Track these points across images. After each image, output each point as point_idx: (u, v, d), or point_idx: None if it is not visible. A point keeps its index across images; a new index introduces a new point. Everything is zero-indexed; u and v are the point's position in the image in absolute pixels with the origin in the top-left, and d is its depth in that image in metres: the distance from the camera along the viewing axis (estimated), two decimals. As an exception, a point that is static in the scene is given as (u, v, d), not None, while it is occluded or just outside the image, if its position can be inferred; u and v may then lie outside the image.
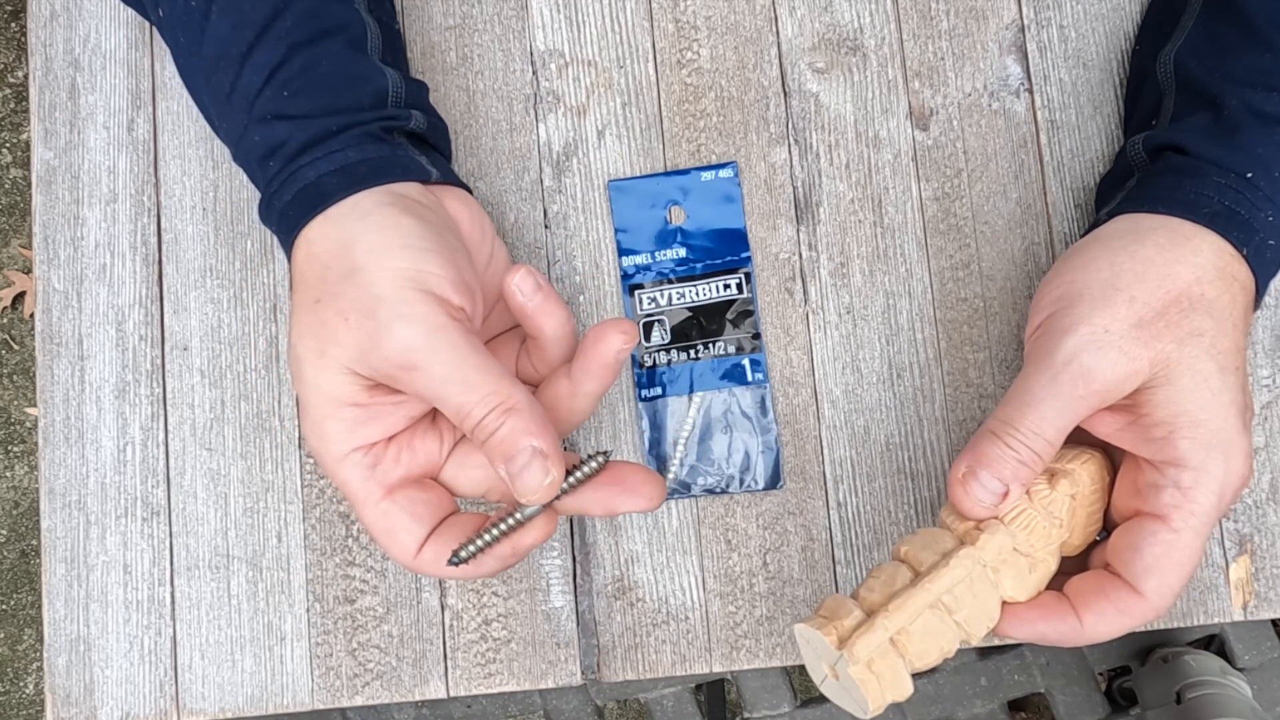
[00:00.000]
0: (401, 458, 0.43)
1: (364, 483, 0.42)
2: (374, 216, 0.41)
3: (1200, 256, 0.41)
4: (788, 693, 0.86)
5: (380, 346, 0.39)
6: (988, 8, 0.52)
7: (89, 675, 0.50)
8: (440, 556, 0.42)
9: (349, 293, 0.40)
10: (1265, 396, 0.50)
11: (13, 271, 1.39)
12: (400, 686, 0.50)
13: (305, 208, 0.42)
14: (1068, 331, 0.41)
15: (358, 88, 0.45)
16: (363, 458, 0.42)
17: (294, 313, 0.42)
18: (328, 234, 0.42)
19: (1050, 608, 0.41)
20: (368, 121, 0.44)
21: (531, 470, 0.39)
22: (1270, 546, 0.49)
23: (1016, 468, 0.41)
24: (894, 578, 0.41)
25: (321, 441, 0.42)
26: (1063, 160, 0.51)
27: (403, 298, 0.40)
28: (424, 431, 0.44)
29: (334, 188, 0.42)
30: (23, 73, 1.42)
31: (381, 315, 0.39)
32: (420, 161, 0.45)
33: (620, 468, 0.43)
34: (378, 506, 0.42)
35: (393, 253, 0.40)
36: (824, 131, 0.52)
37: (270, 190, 0.44)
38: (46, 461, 0.51)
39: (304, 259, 0.42)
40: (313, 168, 0.43)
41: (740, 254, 0.51)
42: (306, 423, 0.42)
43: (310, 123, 0.43)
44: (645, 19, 0.53)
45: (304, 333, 0.41)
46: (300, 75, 0.44)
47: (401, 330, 0.39)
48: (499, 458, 0.40)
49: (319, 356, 0.41)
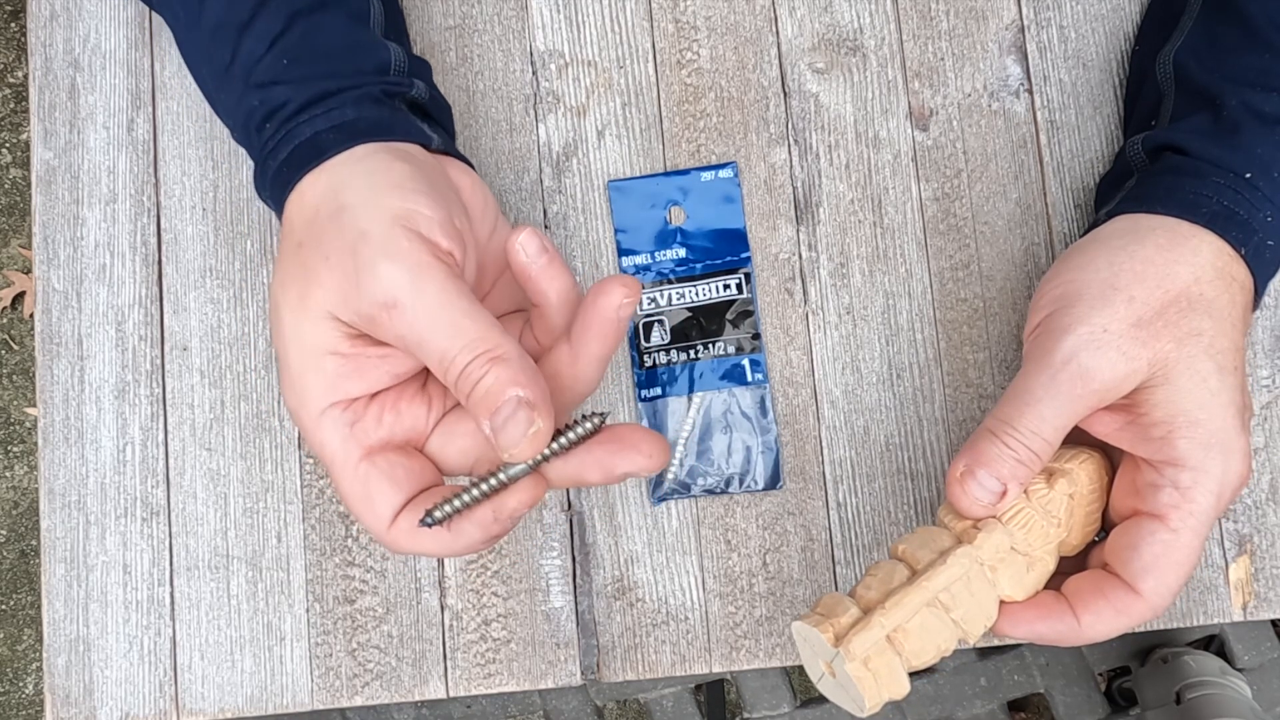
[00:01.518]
0: (384, 419, 0.40)
1: (342, 442, 0.39)
2: (366, 162, 0.40)
3: (1199, 256, 0.41)
4: (787, 693, 0.86)
5: (362, 284, 0.37)
6: (988, 8, 0.52)
7: (89, 675, 0.50)
8: (414, 528, 0.38)
9: (332, 231, 0.38)
10: (1265, 396, 0.50)
11: (13, 271, 1.39)
12: (400, 687, 0.50)
13: (299, 163, 0.41)
14: (1066, 331, 0.41)
15: (359, 55, 0.44)
16: (341, 414, 0.39)
17: (277, 264, 0.40)
18: (319, 181, 0.40)
19: (1048, 607, 0.41)
20: (369, 84, 0.43)
21: (516, 421, 0.36)
22: (1270, 547, 0.49)
23: (1014, 467, 0.41)
24: (891, 576, 0.41)
25: (299, 396, 0.39)
26: (1063, 160, 0.51)
27: (388, 234, 0.37)
28: (411, 396, 0.41)
29: (330, 142, 0.41)
30: (23, 73, 1.42)
31: (364, 252, 0.37)
32: (421, 127, 0.44)
33: (617, 427, 0.39)
34: (356, 469, 0.39)
35: (381, 191, 0.39)
36: (824, 132, 0.52)
37: (266, 151, 0.42)
38: (46, 461, 0.51)
39: (294, 211, 0.41)
40: (310, 125, 0.42)
41: (740, 254, 0.51)
42: (285, 378, 0.39)
43: (310, 84, 0.42)
44: (645, 19, 0.53)
45: (284, 280, 0.39)
46: (300, 43, 0.43)
47: (384, 267, 0.37)
48: (483, 411, 0.36)
49: (299, 301, 0.38)
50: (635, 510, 0.50)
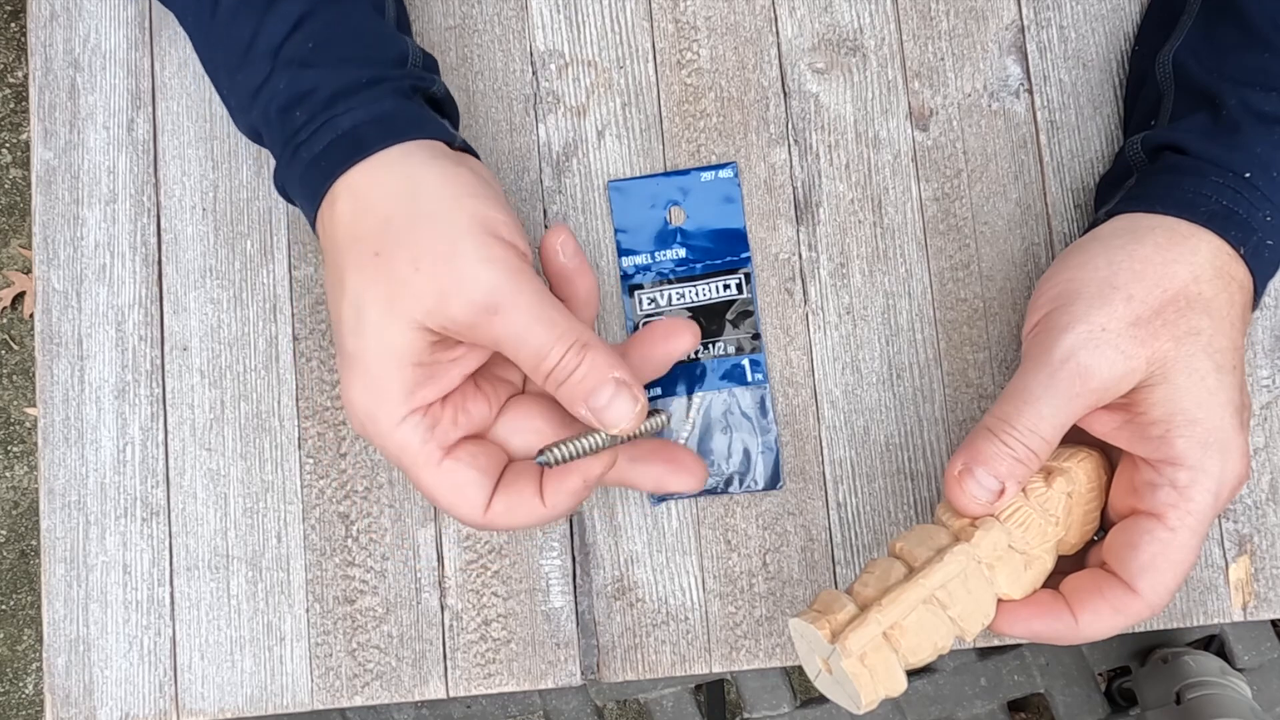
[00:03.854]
0: (458, 419, 0.42)
1: (423, 444, 0.41)
2: (431, 166, 0.41)
3: (1198, 256, 0.41)
4: (787, 693, 0.86)
5: (463, 290, 0.39)
6: (988, 8, 0.52)
7: (88, 675, 0.50)
8: (515, 506, 0.41)
9: (420, 240, 0.40)
10: (1265, 397, 0.50)
11: (13, 271, 1.39)
12: (400, 687, 0.50)
13: (341, 156, 0.41)
14: (1065, 330, 0.41)
15: (384, 45, 0.44)
16: (421, 419, 0.41)
17: (347, 268, 0.41)
18: (381, 184, 0.41)
19: (1045, 605, 0.41)
20: (397, 78, 0.44)
21: (621, 399, 0.40)
22: (1270, 547, 0.49)
23: (1012, 465, 0.41)
24: (888, 573, 0.41)
25: (378, 403, 0.40)
26: (1062, 161, 0.52)
27: (482, 241, 0.40)
28: (472, 393, 0.43)
29: (373, 137, 0.41)
30: (23, 73, 1.42)
31: (462, 259, 0.39)
32: (444, 124, 0.45)
33: (672, 447, 0.45)
34: (440, 467, 0.41)
35: (462, 200, 0.40)
36: (824, 132, 0.52)
37: (297, 141, 0.42)
38: (46, 461, 0.51)
39: (350, 212, 0.41)
40: (349, 116, 0.42)
41: (740, 254, 0.51)
42: (360, 383, 0.40)
43: (342, 71, 0.43)
44: (645, 19, 0.53)
45: (368, 285, 0.40)
46: (327, 27, 0.43)
47: (485, 272, 0.39)
48: (580, 396, 0.40)
49: (388, 309, 0.40)
50: (635, 510, 0.50)
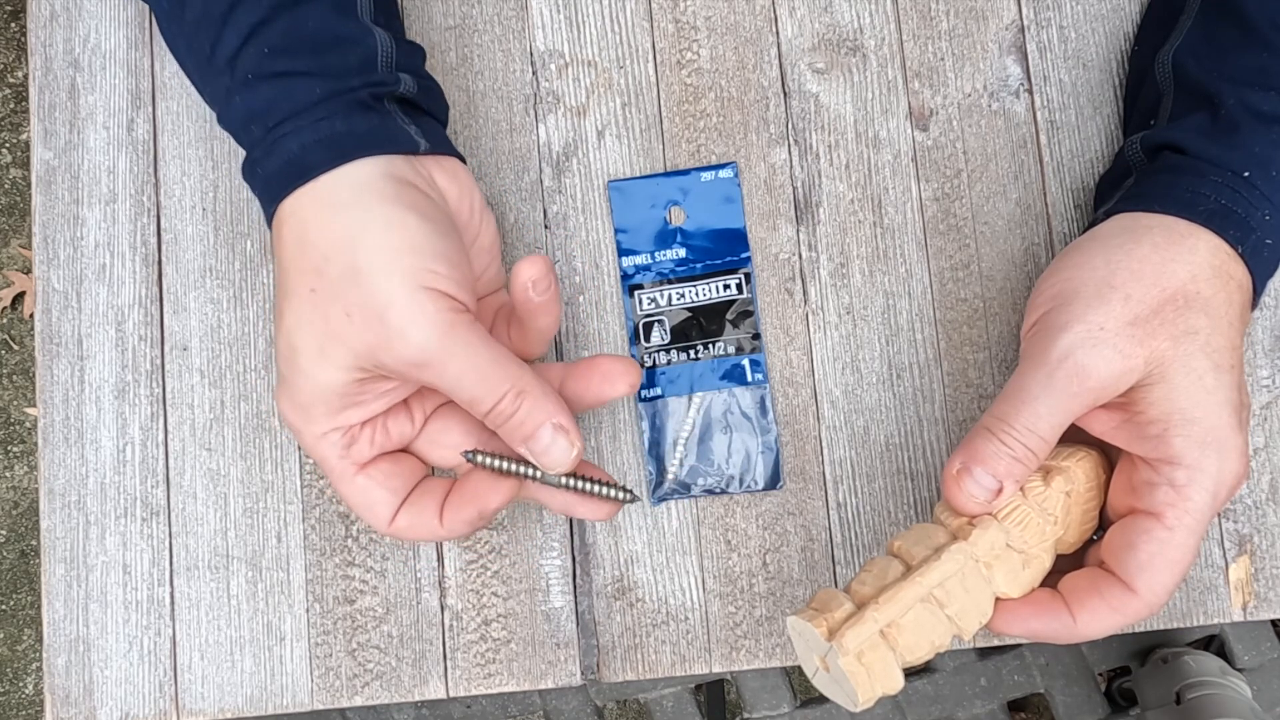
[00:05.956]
0: (375, 439, 0.44)
1: (339, 460, 0.43)
2: (376, 211, 0.41)
3: (1196, 255, 0.41)
4: (787, 693, 0.86)
5: (392, 349, 0.40)
6: (988, 8, 0.52)
7: (88, 675, 0.50)
8: (415, 524, 0.43)
9: (353, 293, 0.40)
10: (1265, 397, 0.50)
11: (13, 271, 1.39)
12: (400, 687, 0.50)
13: (287, 179, 0.41)
14: (1063, 329, 0.41)
15: (344, 50, 0.43)
16: (339, 438, 0.43)
17: (286, 296, 0.42)
18: (323, 220, 0.41)
19: (1043, 604, 0.41)
20: (355, 88, 0.43)
21: (558, 445, 0.42)
22: (1270, 547, 0.49)
23: (1010, 464, 0.41)
24: (886, 571, 0.41)
25: (303, 420, 0.42)
26: (1062, 161, 0.52)
27: (413, 299, 0.40)
28: (396, 413, 0.45)
29: (318, 160, 0.41)
30: (23, 73, 1.42)
31: (393, 319, 0.40)
32: (409, 131, 0.44)
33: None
34: (353, 482, 0.43)
35: (400, 255, 0.40)
36: (824, 132, 0.52)
37: (254, 156, 0.43)
38: (46, 461, 0.51)
39: (294, 240, 0.41)
40: (295, 137, 0.42)
41: (740, 254, 0.51)
42: (289, 398, 0.42)
43: (293, 85, 0.42)
44: (645, 19, 0.53)
45: (301, 324, 0.41)
46: (283, 34, 0.43)
47: (415, 334, 0.40)
48: (519, 438, 0.42)
49: (319, 352, 0.41)
50: (635, 510, 0.50)
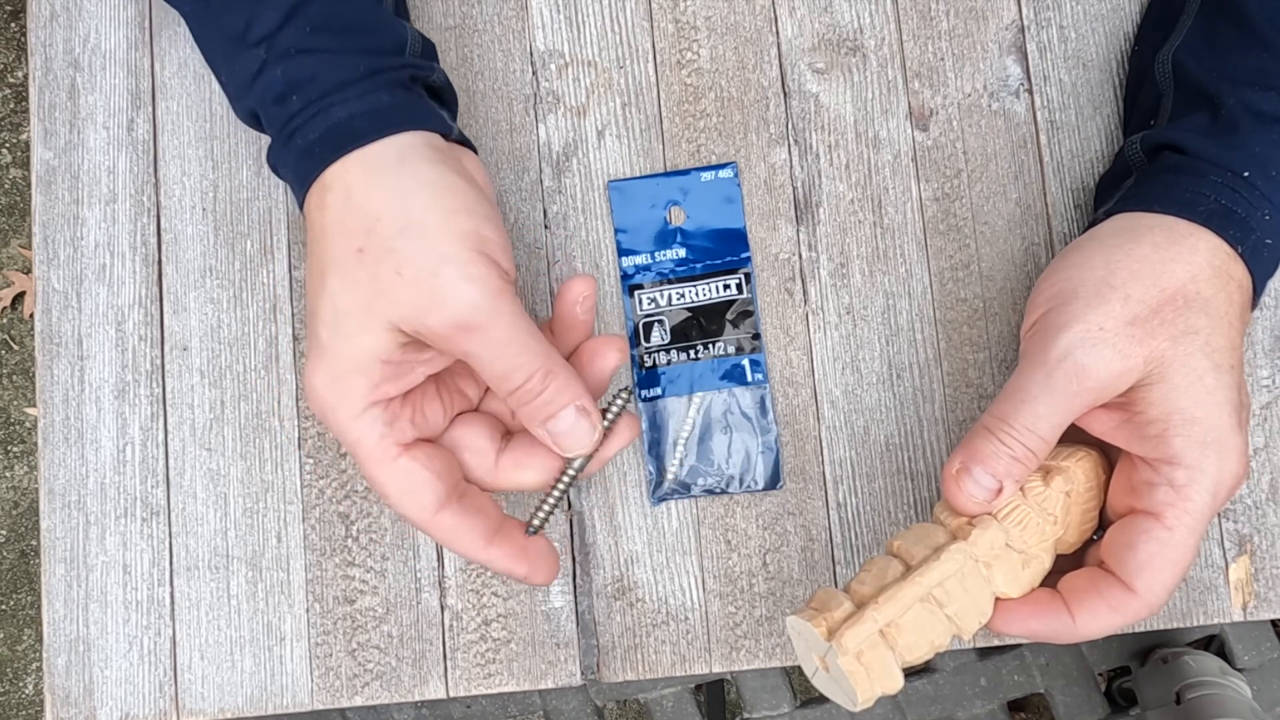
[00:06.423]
0: (416, 420, 0.42)
1: (379, 439, 0.41)
2: (427, 172, 0.41)
3: (1196, 255, 0.41)
4: (787, 693, 0.86)
5: (444, 305, 0.39)
6: (988, 8, 0.52)
7: (88, 675, 0.50)
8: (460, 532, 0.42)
9: (408, 249, 0.40)
10: (1265, 397, 0.50)
11: (13, 271, 1.39)
12: (400, 687, 0.50)
13: (334, 145, 0.42)
14: (1063, 329, 0.41)
15: (381, 33, 0.44)
16: (380, 413, 0.41)
17: (330, 261, 0.41)
18: (373, 183, 0.41)
19: (1043, 604, 0.41)
20: (395, 68, 0.44)
21: (580, 427, 0.42)
22: (1270, 547, 0.49)
23: (1010, 464, 0.41)
24: (885, 571, 0.41)
25: (339, 395, 0.41)
26: (1062, 161, 0.52)
27: (469, 258, 0.40)
28: (431, 397, 0.43)
29: (366, 129, 0.41)
30: (23, 73, 1.42)
31: (446, 274, 0.39)
32: (442, 115, 0.44)
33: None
34: (395, 464, 0.41)
35: (457, 215, 0.40)
36: (824, 132, 0.52)
37: (291, 127, 0.43)
38: (46, 461, 0.51)
39: (339, 204, 0.41)
40: (344, 107, 0.42)
41: (740, 254, 0.51)
42: (327, 375, 0.41)
43: (338, 60, 0.43)
44: (645, 19, 0.53)
45: (348, 285, 0.40)
46: (322, 15, 0.43)
47: (468, 290, 0.39)
48: (540, 418, 0.41)
49: (366, 312, 0.40)
50: (635, 510, 0.50)
